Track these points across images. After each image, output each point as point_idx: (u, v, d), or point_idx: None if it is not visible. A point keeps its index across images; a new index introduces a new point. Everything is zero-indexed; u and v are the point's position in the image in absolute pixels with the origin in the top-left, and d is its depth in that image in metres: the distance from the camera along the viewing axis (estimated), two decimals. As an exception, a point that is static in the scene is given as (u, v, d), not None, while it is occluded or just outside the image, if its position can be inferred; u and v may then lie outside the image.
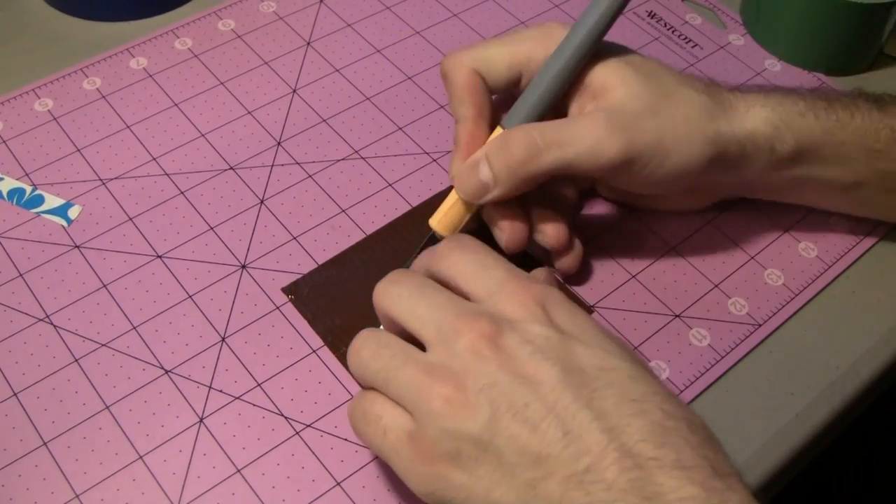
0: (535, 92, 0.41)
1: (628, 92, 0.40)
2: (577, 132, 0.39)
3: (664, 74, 0.42)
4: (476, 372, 0.31)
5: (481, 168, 0.40)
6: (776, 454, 0.40)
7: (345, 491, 0.38)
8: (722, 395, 0.42)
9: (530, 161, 0.39)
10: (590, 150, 0.39)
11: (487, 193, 0.40)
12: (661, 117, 0.40)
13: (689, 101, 0.41)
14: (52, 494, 0.37)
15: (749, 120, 0.41)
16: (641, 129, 0.39)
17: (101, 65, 0.54)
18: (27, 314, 0.43)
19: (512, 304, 0.33)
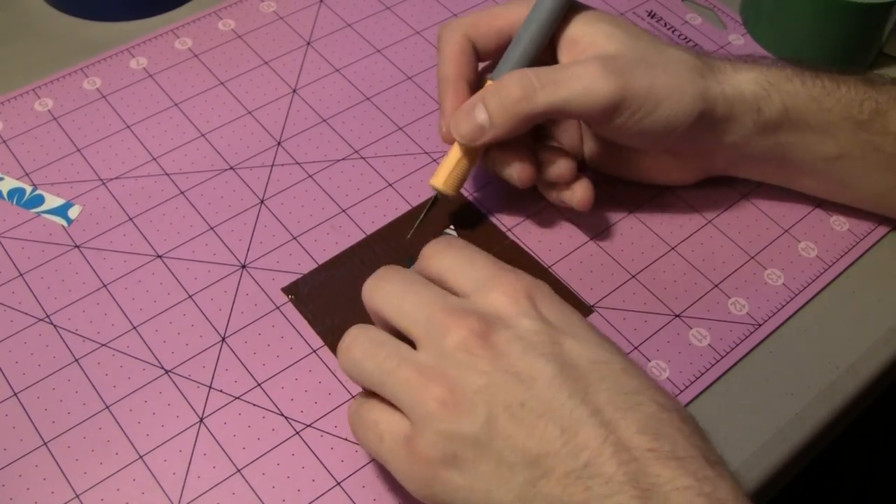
0: (518, 45, 0.42)
1: (621, 45, 0.41)
2: (572, 73, 0.40)
3: (651, 36, 0.43)
4: (469, 372, 0.31)
5: (477, 111, 0.41)
6: (776, 454, 0.40)
7: (345, 491, 0.38)
8: (722, 395, 0.42)
9: (526, 99, 0.40)
10: (584, 90, 0.40)
11: (484, 135, 0.41)
12: (656, 69, 0.41)
13: (679, 58, 0.42)
14: (52, 494, 0.37)
15: (737, 80, 0.42)
16: (635, 75, 0.40)
17: (101, 65, 0.54)
18: (27, 314, 0.43)
19: (500, 297, 0.33)
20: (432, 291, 0.34)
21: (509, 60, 0.43)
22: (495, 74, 0.43)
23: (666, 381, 0.42)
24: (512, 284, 0.34)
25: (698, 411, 0.41)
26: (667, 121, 0.41)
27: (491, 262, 0.35)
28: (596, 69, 0.40)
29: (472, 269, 0.35)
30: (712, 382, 0.42)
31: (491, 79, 0.43)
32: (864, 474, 0.83)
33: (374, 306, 0.35)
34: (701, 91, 0.41)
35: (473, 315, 0.32)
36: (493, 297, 0.33)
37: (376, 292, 0.35)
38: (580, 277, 0.45)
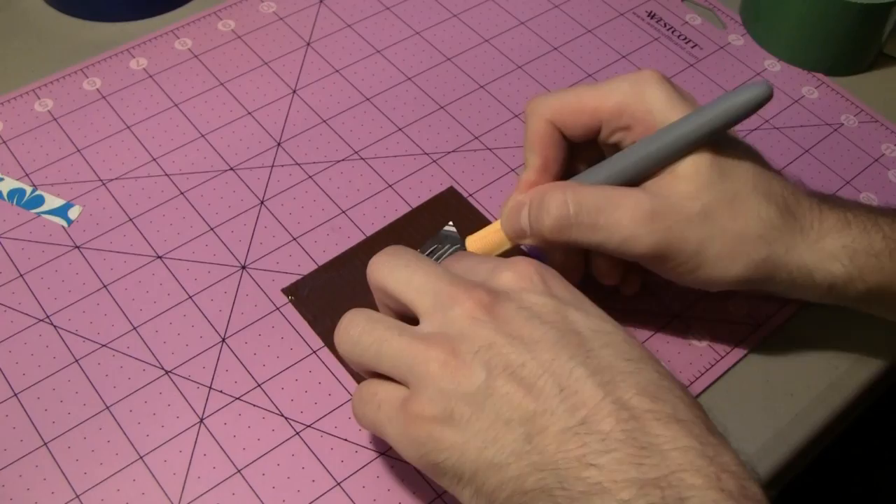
0: (616, 166, 0.39)
1: (692, 187, 0.37)
2: (615, 220, 0.37)
3: (743, 173, 0.38)
4: (472, 335, 0.32)
5: (522, 215, 0.39)
6: (776, 454, 0.40)
7: (345, 491, 0.38)
8: (722, 395, 0.42)
9: (559, 232, 0.38)
10: (620, 242, 0.38)
11: (524, 237, 0.40)
12: (712, 226, 0.37)
13: (751, 215, 0.38)
14: (52, 494, 0.37)
15: (814, 253, 0.38)
16: (683, 235, 0.37)
17: (101, 65, 0.54)
18: (27, 314, 0.43)
19: (510, 275, 0.34)
20: (441, 268, 0.35)
21: (601, 176, 0.39)
22: (579, 178, 0.40)
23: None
24: (522, 264, 0.34)
25: (698, 411, 0.41)
26: (708, 280, 0.39)
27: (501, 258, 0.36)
28: (641, 221, 0.37)
29: (484, 262, 0.36)
30: (712, 382, 0.42)
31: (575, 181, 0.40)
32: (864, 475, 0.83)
33: (380, 280, 0.35)
34: (759, 261, 0.38)
35: (481, 288, 0.33)
36: (503, 275, 0.34)
37: (383, 267, 0.36)
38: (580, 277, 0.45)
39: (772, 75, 0.56)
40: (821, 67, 0.56)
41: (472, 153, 0.50)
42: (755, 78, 0.55)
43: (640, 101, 0.39)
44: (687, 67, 0.55)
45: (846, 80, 0.56)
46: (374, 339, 0.34)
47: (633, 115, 0.39)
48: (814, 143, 0.52)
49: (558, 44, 0.56)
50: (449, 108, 0.52)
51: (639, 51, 0.56)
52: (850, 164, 0.51)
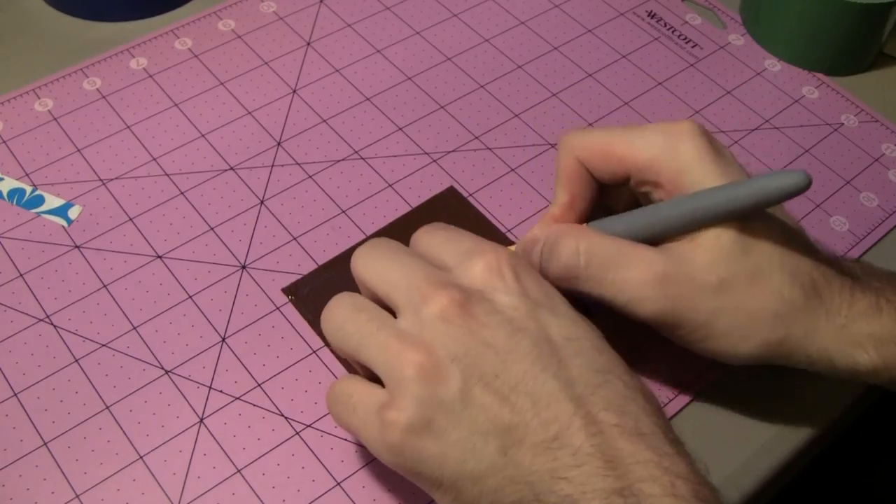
0: (638, 222, 0.37)
1: (710, 258, 0.35)
2: (623, 278, 0.36)
3: (769, 247, 0.36)
4: (447, 340, 0.32)
5: (535, 250, 0.38)
6: (775, 455, 0.40)
7: (345, 491, 0.38)
8: (721, 396, 0.42)
9: (566, 280, 0.37)
10: (627, 301, 0.36)
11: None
12: (726, 301, 0.35)
13: (772, 293, 0.36)
14: (52, 494, 0.37)
15: (838, 340, 0.36)
16: (693, 305, 0.36)
17: (101, 65, 0.54)
18: (27, 314, 0.43)
19: (481, 270, 0.34)
20: (416, 262, 0.35)
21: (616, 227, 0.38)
22: (599, 223, 0.39)
23: (666, 381, 0.42)
24: (493, 256, 0.34)
25: (698, 412, 0.41)
26: (717, 353, 0.37)
27: (473, 238, 0.36)
28: (651, 285, 0.36)
29: (456, 244, 0.36)
30: (712, 382, 0.42)
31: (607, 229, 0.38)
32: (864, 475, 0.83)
33: (358, 273, 0.36)
34: (774, 343, 0.36)
35: (454, 286, 0.33)
36: (474, 269, 0.34)
37: (363, 259, 0.36)
38: (580, 278, 0.45)
39: (772, 75, 0.56)
40: (821, 67, 0.56)
41: (472, 153, 0.50)
42: (755, 78, 0.55)
43: (671, 158, 0.37)
44: (687, 67, 0.55)
45: (846, 80, 0.56)
46: (356, 329, 0.34)
47: (663, 172, 0.37)
48: (814, 143, 0.52)
49: (558, 44, 0.56)
50: (449, 107, 0.52)
51: (639, 51, 0.56)
52: (850, 164, 0.51)
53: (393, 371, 0.32)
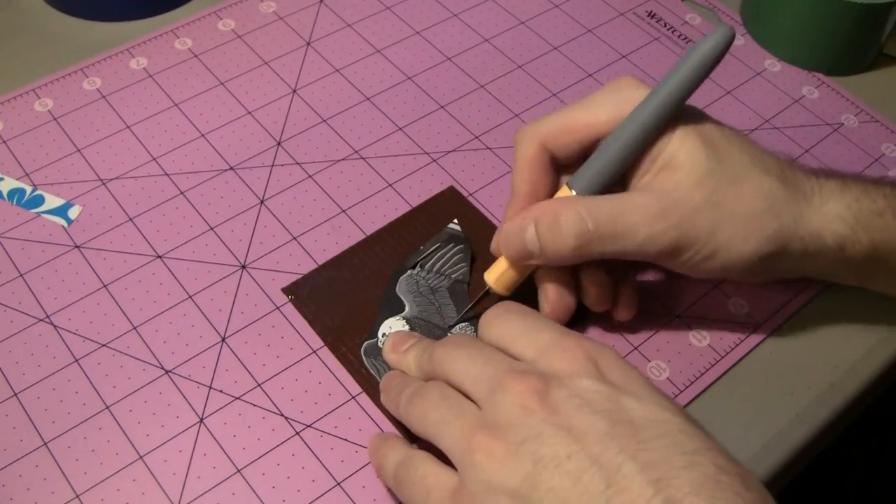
0: (602, 159, 0.39)
1: (693, 177, 0.38)
2: (630, 225, 0.38)
3: (737, 153, 0.39)
4: (520, 425, 0.31)
5: (528, 233, 0.39)
6: (776, 454, 0.40)
7: (345, 491, 0.38)
8: (722, 395, 0.42)
9: (579, 248, 0.38)
10: (639, 245, 0.38)
11: (531, 259, 0.40)
12: (721, 211, 0.38)
13: (755, 193, 0.38)
14: (52, 494, 0.37)
15: (820, 216, 0.39)
16: (695, 225, 0.38)
17: (101, 65, 0.54)
18: (27, 314, 0.43)
19: (563, 360, 0.33)
20: (497, 356, 0.34)
21: (591, 173, 0.40)
22: (572, 183, 0.40)
23: (666, 381, 0.42)
24: (575, 347, 0.33)
25: (698, 411, 0.41)
26: (728, 264, 0.39)
27: (552, 327, 0.35)
28: (655, 221, 0.38)
29: (535, 336, 0.35)
30: (712, 382, 0.42)
31: (568, 185, 0.40)
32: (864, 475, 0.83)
33: (444, 370, 0.35)
34: (772, 233, 0.38)
35: (534, 375, 0.32)
36: (556, 359, 0.33)
37: (448, 357, 0.35)
38: (580, 277, 0.45)
39: (772, 75, 0.56)
40: (821, 67, 0.56)
41: (472, 153, 0.50)
42: (755, 79, 0.55)
43: (629, 108, 0.39)
44: (687, 67, 0.55)
45: (846, 79, 0.56)
46: (438, 417, 0.34)
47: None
48: (814, 142, 0.52)
49: (558, 43, 0.56)
50: (449, 107, 0.52)
51: (639, 51, 0.56)
52: (850, 164, 0.51)
53: (464, 456, 0.32)
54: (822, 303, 0.45)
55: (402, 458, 0.35)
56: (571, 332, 0.35)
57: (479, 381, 0.33)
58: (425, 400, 0.35)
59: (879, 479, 0.83)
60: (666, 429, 0.30)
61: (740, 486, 0.29)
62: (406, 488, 0.34)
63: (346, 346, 0.42)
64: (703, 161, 0.38)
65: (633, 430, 0.30)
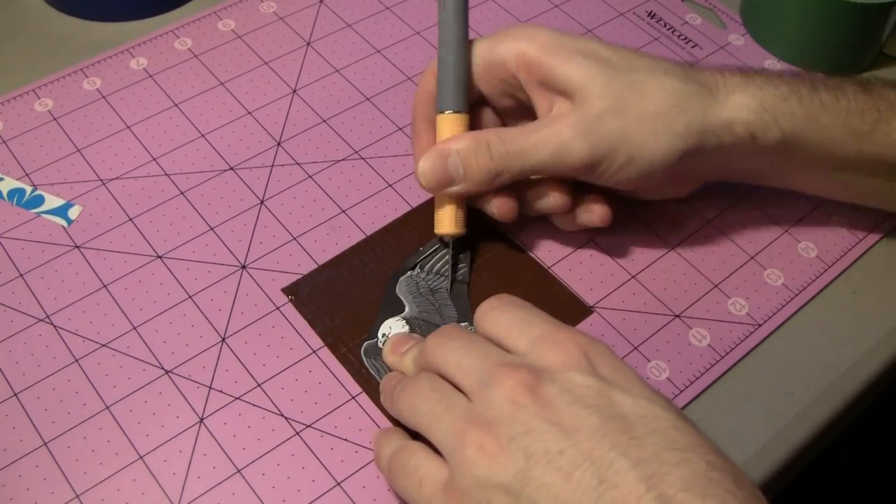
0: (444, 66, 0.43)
1: (593, 90, 0.40)
2: (539, 139, 0.40)
3: (634, 64, 0.41)
4: (511, 420, 0.31)
5: (451, 161, 0.41)
6: (776, 454, 0.40)
7: (345, 491, 0.38)
8: (722, 395, 0.42)
9: (498, 170, 0.40)
10: (552, 156, 0.40)
11: (452, 186, 0.41)
12: (627, 115, 0.39)
13: (659, 92, 0.40)
14: (52, 494, 0.37)
15: (727, 107, 0.40)
16: (605, 132, 0.39)
17: (101, 65, 0.54)
18: (27, 314, 0.43)
19: (554, 353, 0.33)
20: (489, 349, 0.34)
21: (445, 83, 0.43)
22: (441, 105, 0.43)
23: (666, 381, 0.42)
24: (567, 340, 0.33)
25: (698, 411, 0.41)
26: (645, 167, 0.40)
27: (546, 319, 0.35)
28: (563, 132, 0.40)
29: (528, 328, 0.35)
30: (712, 382, 0.42)
31: (440, 112, 0.43)
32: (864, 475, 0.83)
33: (434, 361, 0.35)
34: (682, 130, 0.40)
35: (524, 368, 0.32)
36: (547, 352, 0.33)
37: (439, 347, 0.35)
38: (580, 277, 0.45)
39: (772, 75, 0.55)
40: (821, 67, 0.56)
41: (472, 153, 0.50)
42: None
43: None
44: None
45: (846, 79, 0.56)
46: (428, 409, 0.34)
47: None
48: (814, 142, 0.52)
49: (558, 44, 0.56)
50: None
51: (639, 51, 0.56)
52: (850, 164, 0.51)
53: (455, 451, 0.32)
54: (822, 303, 0.45)
55: (397, 447, 0.35)
56: (564, 326, 0.35)
57: (469, 373, 0.33)
58: (416, 390, 0.35)
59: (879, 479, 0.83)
60: (657, 425, 0.30)
61: (731, 483, 0.29)
62: (399, 478, 0.34)
63: (346, 346, 0.42)
64: (600, 75, 0.40)
65: (625, 425, 0.30)
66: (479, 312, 0.37)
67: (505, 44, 0.42)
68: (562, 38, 0.42)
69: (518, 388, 0.31)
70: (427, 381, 0.35)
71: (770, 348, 0.44)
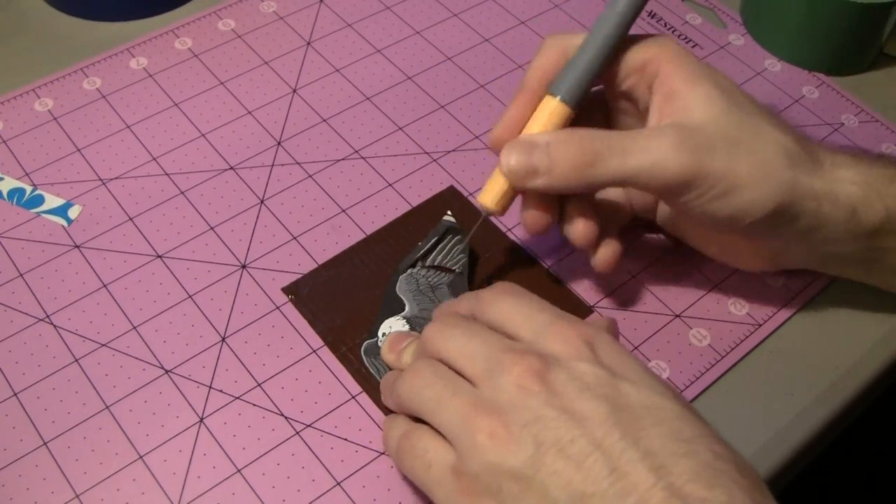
0: (580, 60, 0.39)
1: (711, 115, 0.38)
2: (644, 143, 0.37)
3: (751, 107, 0.39)
4: (522, 407, 0.31)
5: (537, 152, 0.38)
6: (776, 454, 0.40)
7: (345, 491, 0.38)
8: (722, 395, 0.42)
9: (591, 164, 0.37)
10: (653, 163, 0.37)
11: (536, 179, 0.38)
12: (739, 150, 0.37)
13: (773, 141, 0.38)
14: (52, 494, 0.37)
15: (833, 177, 0.38)
16: (714, 156, 0.37)
17: (101, 65, 0.54)
18: (27, 314, 0.43)
19: (559, 343, 0.33)
20: (494, 336, 0.34)
21: (572, 76, 0.39)
22: (555, 89, 0.40)
23: (666, 381, 0.42)
24: (571, 331, 0.33)
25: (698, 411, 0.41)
26: (739, 207, 0.38)
27: (550, 309, 0.35)
28: (671, 143, 0.37)
29: (532, 316, 0.35)
30: (712, 382, 0.42)
31: (550, 93, 0.40)
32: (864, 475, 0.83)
33: (435, 349, 0.35)
34: (787, 182, 0.37)
35: (532, 355, 0.32)
36: (552, 342, 0.33)
37: (440, 336, 0.35)
38: (580, 277, 0.45)
39: (772, 75, 0.55)
40: (821, 67, 0.56)
41: (472, 152, 0.50)
42: (755, 78, 0.55)
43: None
44: (687, 67, 0.55)
45: (846, 79, 0.56)
46: (433, 395, 0.33)
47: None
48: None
49: (558, 43, 0.56)
50: (449, 107, 0.52)
51: (639, 50, 0.56)
52: (850, 164, 0.51)
53: (464, 437, 0.32)
54: (823, 303, 0.45)
55: (405, 430, 0.35)
56: (567, 315, 0.35)
57: (475, 359, 0.33)
58: (417, 376, 0.34)
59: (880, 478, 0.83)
60: (663, 415, 0.31)
61: (736, 472, 0.29)
62: (408, 460, 0.34)
63: (346, 346, 0.42)
64: (721, 105, 0.38)
65: (632, 416, 0.31)
66: (480, 301, 0.37)
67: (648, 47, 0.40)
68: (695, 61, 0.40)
69: (527, 375, 0.31)
70: (429, 367, 0.34)
71: (770, 348, 0.44)
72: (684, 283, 0.45)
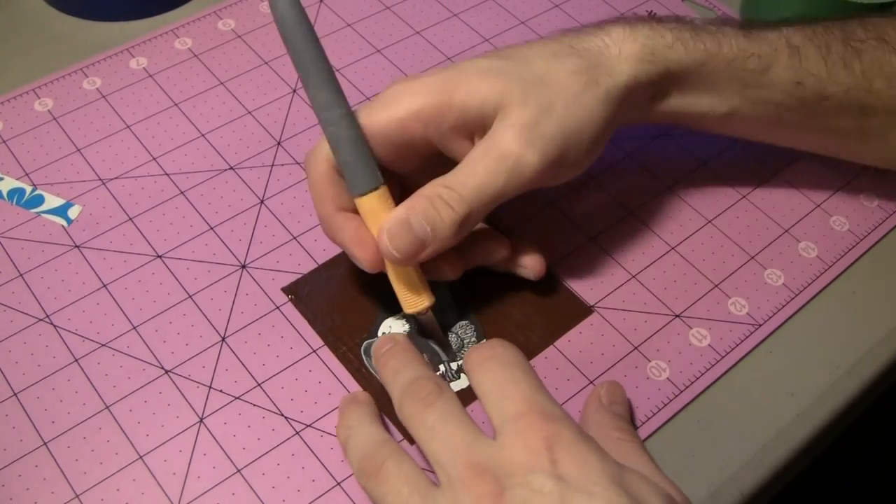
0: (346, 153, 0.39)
1: (512, 99, 0.39)
2: (488, 168, 0.38)
3: (525, 56, 0.41)
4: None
5: (415, 225, 0.38)
6: (776, 454, 0.40)
7: (345, 491, 0.38)
8: (722, 395, 0.42)
9: (464, 215, 0.38)
10: (509, 177, 0.38)
11: (424, 249, 0.38)
12: (555, 108, 0.39)
13: (567, 76, 0.40)
14: (52, 494, 0.37)
15: (625, 63, 0.41)
16: (547, 132, 0.38)
17: (101, 65, 0.54)
18: (27, 314, 0.43)
19: (519, 448, 0.32)
20: (460, 437, 0.33)
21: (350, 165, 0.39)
22: (354, 189, 0.39)
23: (666, 381, 0.42)
24: (534, 431, 0.32)
25: (698, 411, 0.41)
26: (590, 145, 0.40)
27: (522, 392, 0.34)
28: (512, 148, 0.38)
29: (505, 400, 0.34)
30: (712, 382, 0.42)
31: (357, 196, 0.39)
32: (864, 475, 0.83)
33: (408, 426, 0.35)
34: (603, 98, 0.40)
35: (489, 476, 0.32)
36: (513, 444, 0.33)
37: (415, 419, 0.35)
38: (580, 277, 0.45)
39: (772, 75, 0.55)
40: (821, 67, 0.56)
41: (472, 153, 0.50)
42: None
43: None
44: (687, 67, 0.55)
45: (846, 79, 0.55)
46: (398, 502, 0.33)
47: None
48: (814, 142, 0.52)
49: (558, 43, 0.56)
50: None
51: (639, 50, 0.56)
52: (850, 164, 0.51)
53: None
54: (822, 303, 0.45)
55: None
56: (537, 402, 0.33)
57: (437, 464, 0.33)
58: (387, 481, 0.34)
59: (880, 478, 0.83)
60: None
61: None
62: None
63: (346, 346, 0.42)
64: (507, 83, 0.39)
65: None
66: (469, 361, 0.36)
67: (392, 108, 0.39)
68: (445, 77, 0.39)
69: (484, 498, 0.31)
70: (395, 472, 0.34)
71: (770, 348, 0.44)
72: (684, 283, 0.45)
